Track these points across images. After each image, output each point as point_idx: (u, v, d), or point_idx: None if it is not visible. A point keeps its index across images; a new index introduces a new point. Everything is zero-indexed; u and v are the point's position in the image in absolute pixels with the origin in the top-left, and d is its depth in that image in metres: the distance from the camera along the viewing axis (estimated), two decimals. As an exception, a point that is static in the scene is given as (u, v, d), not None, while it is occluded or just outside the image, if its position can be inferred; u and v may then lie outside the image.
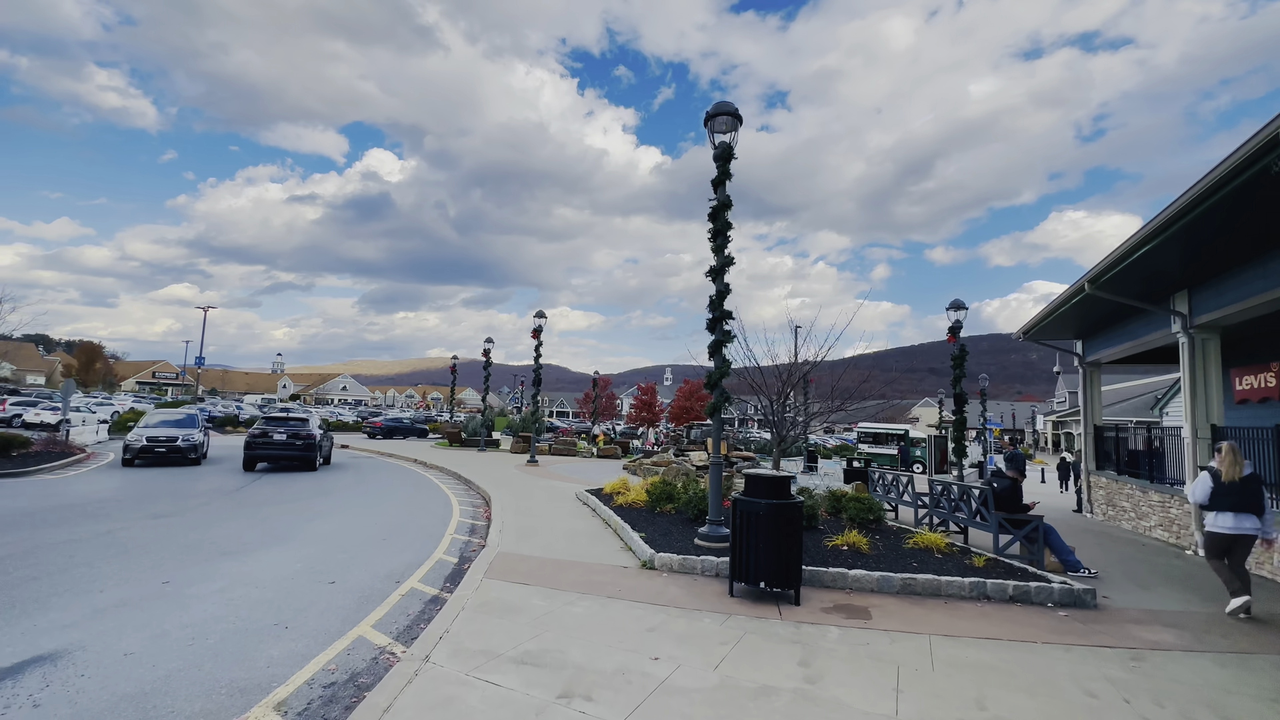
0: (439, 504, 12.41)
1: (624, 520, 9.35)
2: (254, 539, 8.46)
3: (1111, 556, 9.68)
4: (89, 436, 29.02)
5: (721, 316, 7.94)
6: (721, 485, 8.00)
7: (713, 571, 6.87)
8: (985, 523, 8.67)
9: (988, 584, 6.46)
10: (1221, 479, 6.24)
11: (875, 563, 7.22)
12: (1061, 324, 16.18)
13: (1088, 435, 17.48)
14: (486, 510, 11.67)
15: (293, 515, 10.42)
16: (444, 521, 10.48)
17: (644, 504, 10.79)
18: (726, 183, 8.12)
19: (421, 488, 14.84)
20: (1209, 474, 6.40)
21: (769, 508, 5.84)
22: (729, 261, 8.00)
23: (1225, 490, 6.20)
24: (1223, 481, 6.22)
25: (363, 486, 14.61)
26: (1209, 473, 6.41)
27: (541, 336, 21.77)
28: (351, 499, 12.61)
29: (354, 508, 11.51)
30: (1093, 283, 11.31)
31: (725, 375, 7.90)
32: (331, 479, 15.83)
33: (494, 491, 13.42)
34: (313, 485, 14.36)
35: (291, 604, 5.72)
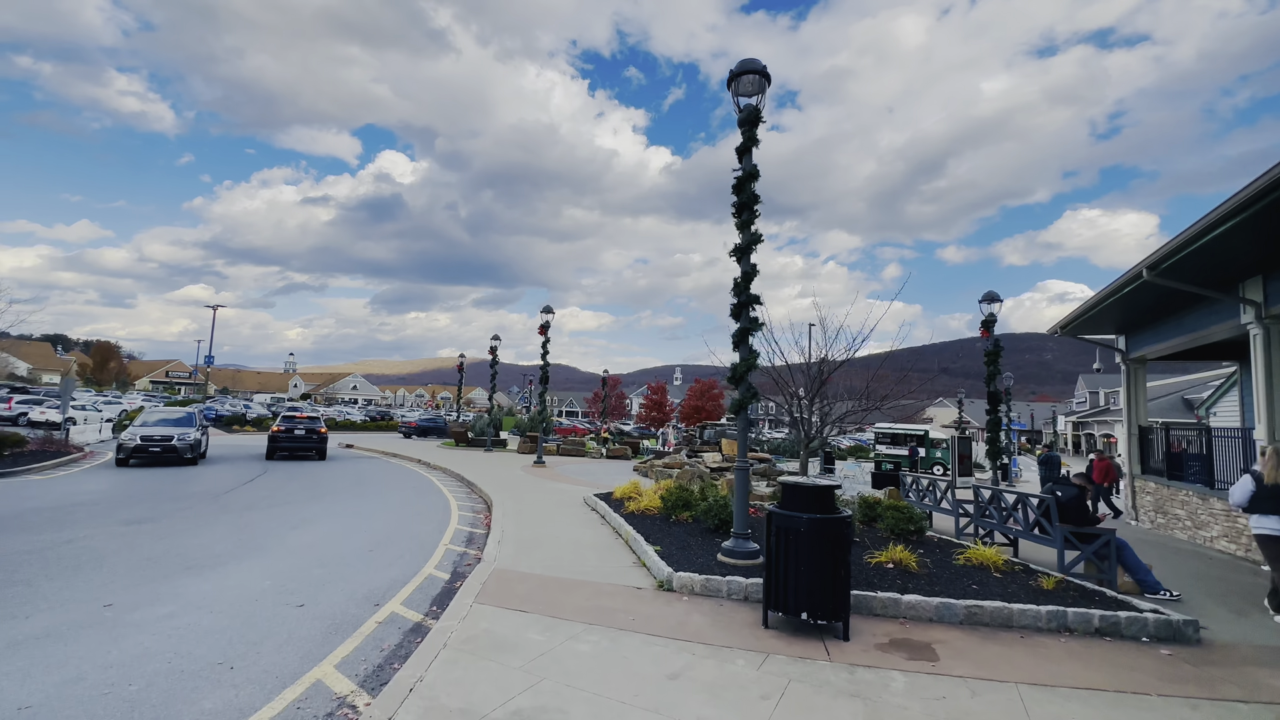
0: (437, 509, 11.56)
1: (636, 530, 8.43)
2: (227, 550, 7.62)
3: (1182, 573, 8.60)
4: (91, 435, 28.61)
5: (748, 301, 6.98)
6: (747, 492, 7.04)
7: (740, 594, 5.92)
8: (1046, 536, 7.65)
9: (1068, 613, 5.46)
10: (1264, 482, 6.24)
11: (928, 585, 6.24)
12: (1104, 317, 15.07)
13: (1132, 437, 16.29)
14: (487, 517, 10.79)
15: (277, 522, 9.60)
16: (440, 529, 9.61)
17: (658, 511, 9.86)
18: (753, 150, 7.17)
19: (421, 491, 14.01)
20: (1251, 477, 6.43)
21: (812, 524, 4.89)
22: (756, 239, 7.05)
23: (1267, 494, 6.19)
24: (1265, 485, 6.22)
25: (359, 489, 13.80)
26: (1251, 475, 6.45)
27: (549, 334, 20.92)
28: (345, 503, 11.78)
29: (345, 513, 10.68)
30: (1153, 269, 10.23)
31: (752, 367, 6.95)
32: (328, 481, 15.05)
33: (496, 495, 12.55)
34: (307, 488, 13.57)
35: (246, 635, 4.85)
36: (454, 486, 14.94)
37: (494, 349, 27.04)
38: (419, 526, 9.75)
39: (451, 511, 11.33)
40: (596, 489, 13.85)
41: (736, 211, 7.20)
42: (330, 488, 13.82)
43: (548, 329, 21.41)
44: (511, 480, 15.53)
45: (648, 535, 8.18)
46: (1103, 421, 68.67)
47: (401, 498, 12.82)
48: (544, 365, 21.20)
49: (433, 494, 13.58)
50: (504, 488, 13.89)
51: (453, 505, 12.04)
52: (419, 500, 12.56)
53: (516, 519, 10.07)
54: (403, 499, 12.64)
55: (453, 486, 14.91)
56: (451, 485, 15.13)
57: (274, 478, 15.20)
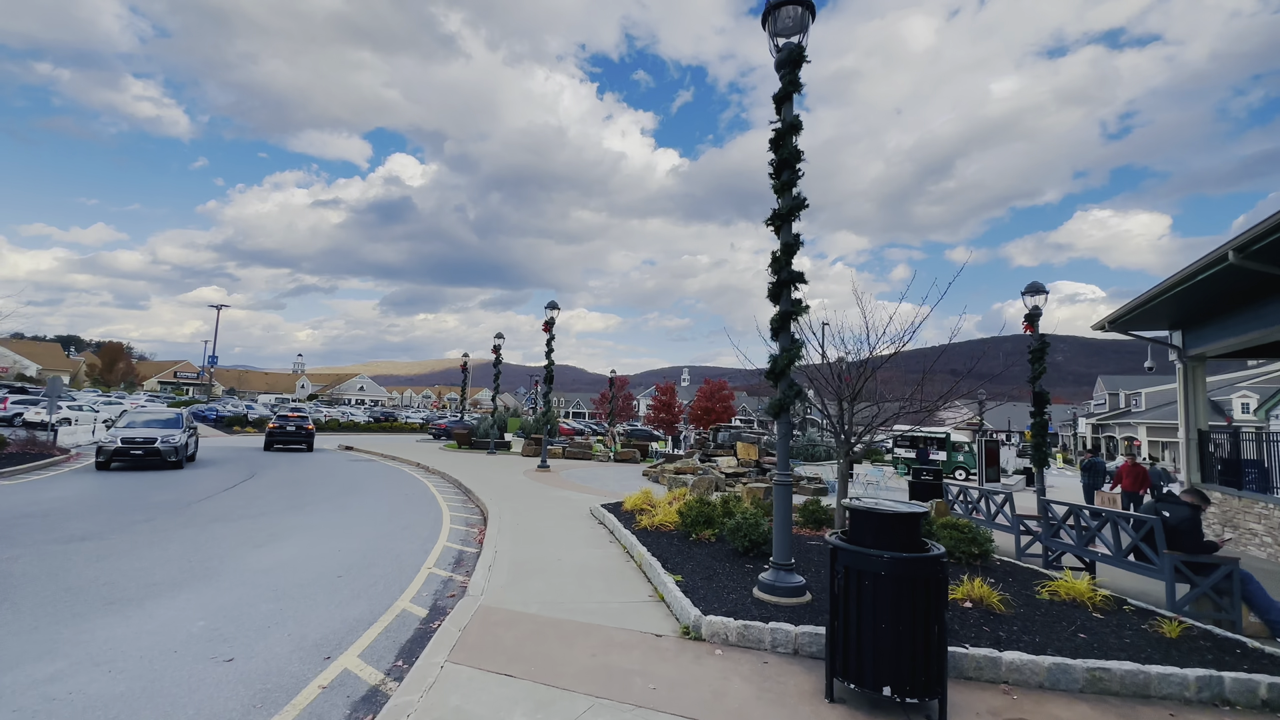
0: (427, 521, 10.36)
1: (651, 552, 7.18)
2: (168, 576, 6.44)
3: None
4: (83, 436, 27.70)
5: (789, 280, 5.72)
6: (789, 512, 5.77)
7: (788, 647, 4.67)
8: (1149, 565, 6.33)
9: (1225, 680, 4.16)
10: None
11: (1023, 632, 4.96)
12: (1160, 311, 13.72)
13: (1191, 442, 14.89)
14: (481, 531, 9.58)
15: (242, 538, 8.43)
16: (426, 547, 8.40)
17: (675, 527, 8.61)
18: (794, 97, 5.91)
19: (413, 499, 12.82)
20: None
21: (895, 566, 3.63)
22: (799, 204, 5.79)
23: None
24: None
25: (346, 498, 12.64)
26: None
27: (554, 331, 19.77)
28: (326, 515, 10.60)
29: (323, 527, 9.50)
30: (1242, 251, 8.88)
31: (795, 359, 5.69)
32: (315, 487, 13.91)
33: (494, 505, 11.34)
34: (290, 496, 12.43)
35: (141, 710, 3.66)
36: (449, 494, 13.75)
37: (497, 348, 25.89)
38: (402, 544, 8.54)
39: (442, 524, 10.13)
40: (604, 498, 12.62)
41: (775, 171, 5.94)
42: (315, 495, 12.66)
43: (553, 325, 20.23)
44: (512, 487, 14.32)
45: (665, 559, 6.93)
46: (1125, 424, 66.74)
47: (390, 508, 11.63)
48: (549, 364, 20.01)
49: (424, 503, 12.39)
50: (503, 496, 12.68)
51: (445, 517, 10.85)
52: (408, 511, 11.37)
53: (513, 535, 8.85)
54: (391, 509, 11.45)
55: (448, 494, 13.72)
56: (447, 493, 13.94)
57: (259, 484, 14.08)
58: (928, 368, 8.67)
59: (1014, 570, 7.30)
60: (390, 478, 16.54)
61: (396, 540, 8.78)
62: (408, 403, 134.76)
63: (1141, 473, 17.18)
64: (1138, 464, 17.35)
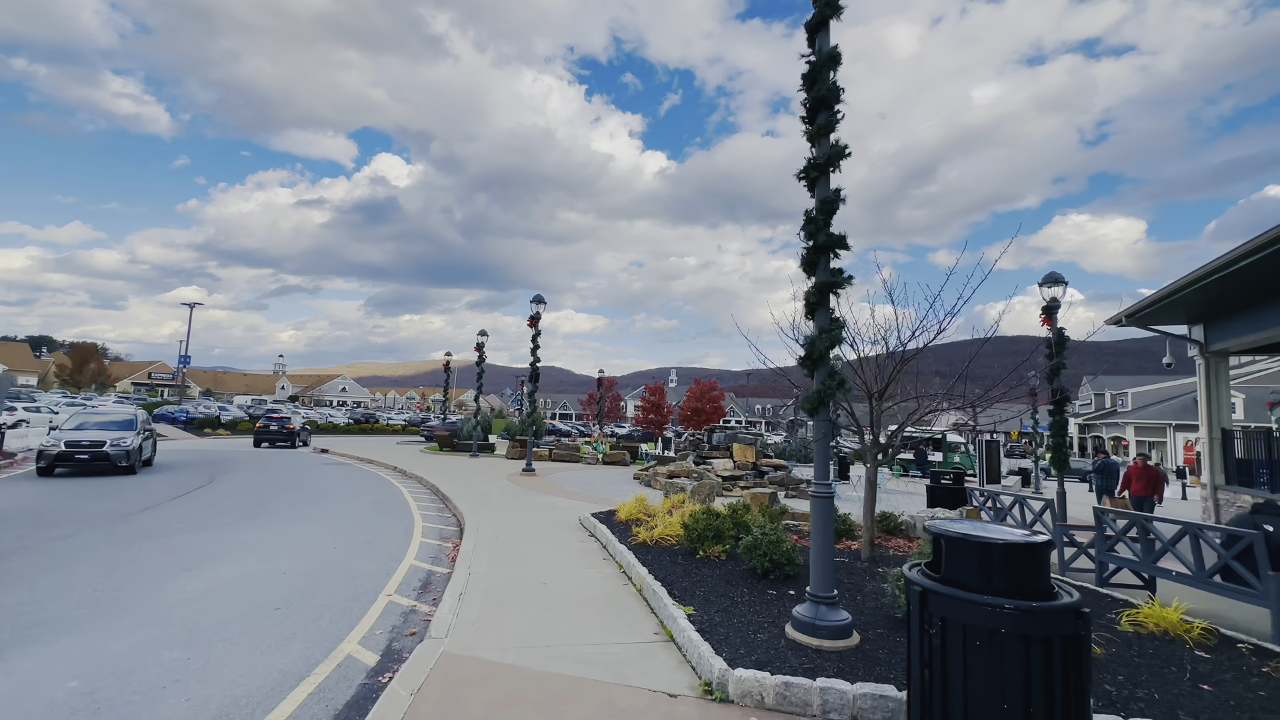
0: (395, 534, 9.16)
1: (654, 574, 6.07)
2: (60, 611, 5.22)
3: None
4: (35, 439, 26.02)
5: (829, 245, 4.65)
6: (830, 533, 4.68)
7: (845, 713, 3.57)
8: (1245, 588, 5.34)
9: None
10: None
11: (1129, 680, 3.92)
12: (1183, 304, 12.93)
13: (1214, 442, 14.10)
14: (456, 546, 8.41)
15: (173, 557, 7.18)
16: (390, 566, 7.23)
17: (678, 542, 7.52)
18: (831, 23, 4.85)
19: (384, 508, 11.59)
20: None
21: (1021, 620, 2.55)
22: (839, 153, 4.72)
23: None
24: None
25: (309, 506, 11.39)
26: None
27: (540, 327, 18.58)
28: (281, 527, 9.36)
29: (274, 543, 8.26)
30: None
31: (837, 343, 4.61)
32: (278, 494, 12.63)
33: (472, 515, 10.17)
34: (247, 504, 11.15)
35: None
36: (425, 501, 12.53)
37: (480, 345, 24.63)
38: (362, 563, 7.35)
39: (413, 537, 8.95)
40: (594, 505, 11.49)
41: (809, 114, 4.88)
42: (275, 504, 11.39)
43: (538, 321, 19.12)
44: (494, 493, 13.13)
45: (670, 583, 5.83)
46: (1111, 424, 66.87)
47: (356, 517, 10.41)
48: (534, 361, 18.82)
49: (396, 512, 11.18)
50: (484, 503, 11.50)
51: (416, 529, 9.65)
52: (376, 521, 10.15)
53: (492, 551, 7.69)
54: (357, 519, 10.23)
55: (424, 501, 12.50)
56: (423, 500, 12.72)
57: (215, 491, 12.78)
58: (970, 356, 7.69)
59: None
60: (362, 483, 15.27)
61: (356, 558, 7.58)
62: (391, 404, 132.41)
63: (1154, 475, 16.32)
64: (1149, 466, 16.50)
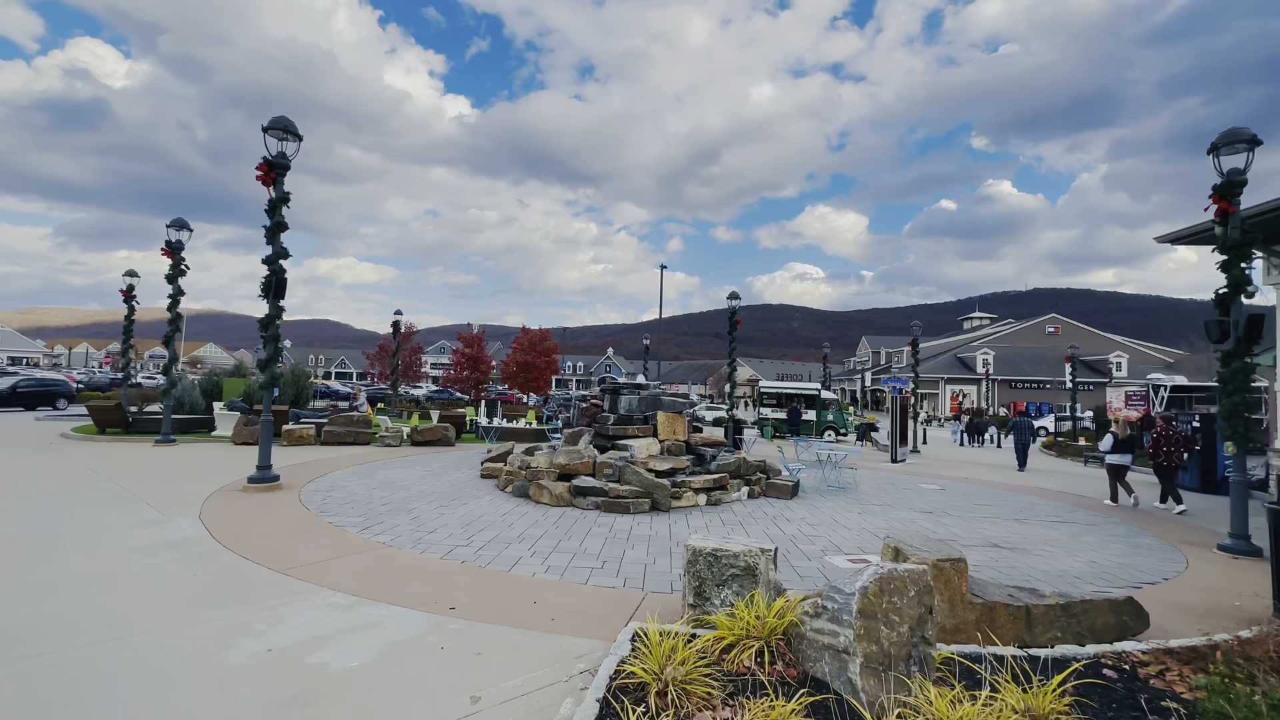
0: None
1: None
2: None
3: None
4: None
5: None
6: None
7: None
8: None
9: None
10: None
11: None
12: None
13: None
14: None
15: None
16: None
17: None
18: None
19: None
20: None
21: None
22: None
23: None
24: None
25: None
26: None
27: (182, 257, 9.43)
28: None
29: None
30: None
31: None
32: None
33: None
34: None
35: None
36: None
37: (172, 251, 13.60)
38: None
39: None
40: (447, 616, 3.60)
41: None
42: None
43: (179, 251, 13.36)
44: (118, 593, 4.38)
45: None
46: (892, 379, 74.10)
47: None
48: (173, 304, 9.88)
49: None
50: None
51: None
52: None
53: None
54: None
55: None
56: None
57: None
58: None
59: None
60: None
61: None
62: (81, 361, 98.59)
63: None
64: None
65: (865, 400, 68.51)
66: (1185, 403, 24.65)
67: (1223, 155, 7.93)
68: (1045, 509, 10.40)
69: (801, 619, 3.17)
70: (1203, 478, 14.18)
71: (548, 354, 35.78)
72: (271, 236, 8.79)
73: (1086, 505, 11.08)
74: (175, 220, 13.66)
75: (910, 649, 2.85)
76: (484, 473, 11.00)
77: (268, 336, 8.91)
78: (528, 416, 23.08)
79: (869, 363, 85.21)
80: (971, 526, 8.53)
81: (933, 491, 11.83)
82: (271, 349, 8.91)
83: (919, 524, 8.52)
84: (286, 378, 21.77)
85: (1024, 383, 57.31)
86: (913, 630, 2.88)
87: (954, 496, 11.30)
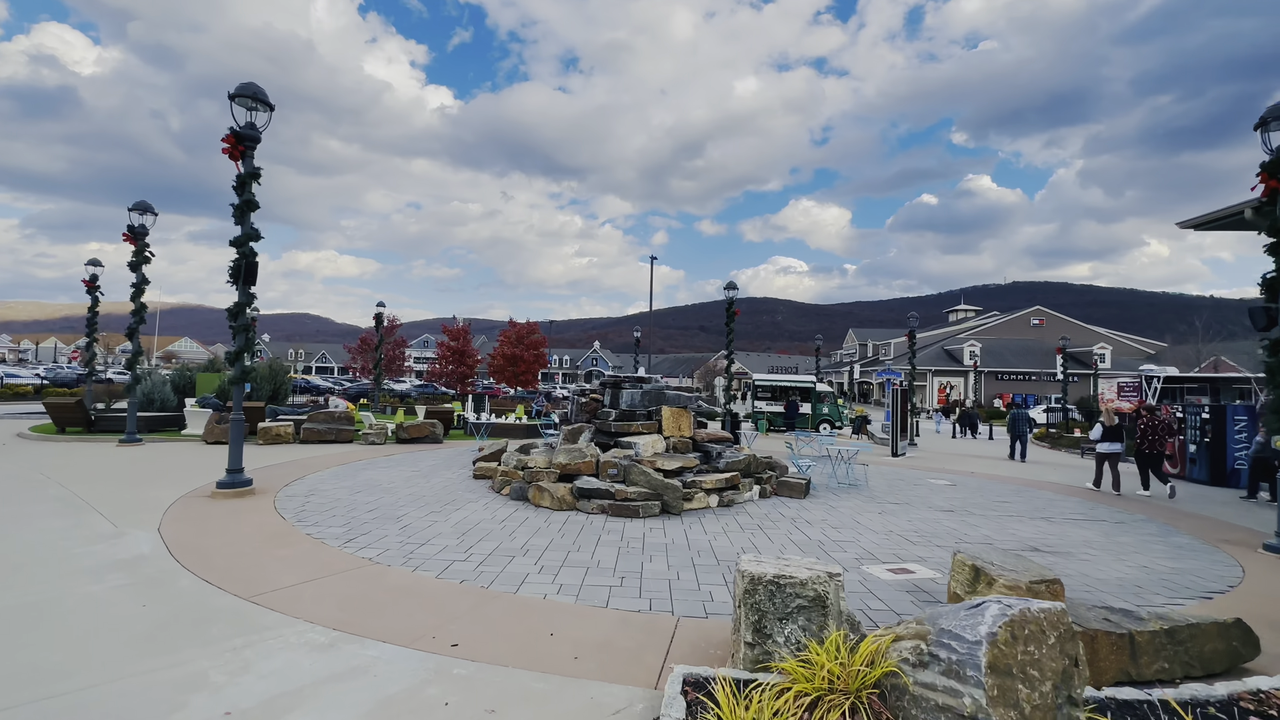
0: None
1: None
2: None
3: None
4: None
5: None
6: None
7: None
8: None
9: None
10: None
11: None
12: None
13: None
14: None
15: None
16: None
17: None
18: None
19: None
20: None
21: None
22: None
23: None
24: None
25: None
26: None
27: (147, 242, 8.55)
28: None
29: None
30: None
31: None
32: None
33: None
34: None
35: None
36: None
37: (135, 236, 12.63)
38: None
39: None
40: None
41: None
42: None
43: (142, 238, 12.46)
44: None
45: None
46: (878, 371, 74.51)
47: None
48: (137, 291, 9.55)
49: None
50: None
51: None
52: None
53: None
54: None
55: None
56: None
57: None
58: None
59: None
60: None
61: None
62: (50, 356, 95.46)
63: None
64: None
65: (854, 393, 68.53)
66: (1178, 394, 24.63)
67: (1271, 131, 7.43)
68: (1066, 505, 9.95)
69: (901, 668, 2.53)
70: (1211, 469, 13.90)
71: (535, 347, 34.91)
72: (240, 216, 7.95)
73: (1101, 500, 10.68)
74: (138, 203, 12.69)
75: (1055, 713, 2.23)
76: (477, 473, 10.28)
77: (237, 326, 8.08)
78: (516, 411, 22.30)
79: (857, 355, 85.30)
80: (1001, 527, 8.02)
81: (944, 487, 11.35)
82: (242, 340, 8.09)
83: (945, 525, 7.98)
84: (263, 372, 20.77)
85: (1010, 374, 57.63)
86: (1056, 689, 2.27)
87: (968, 493, 10.82)
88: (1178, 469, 14.70)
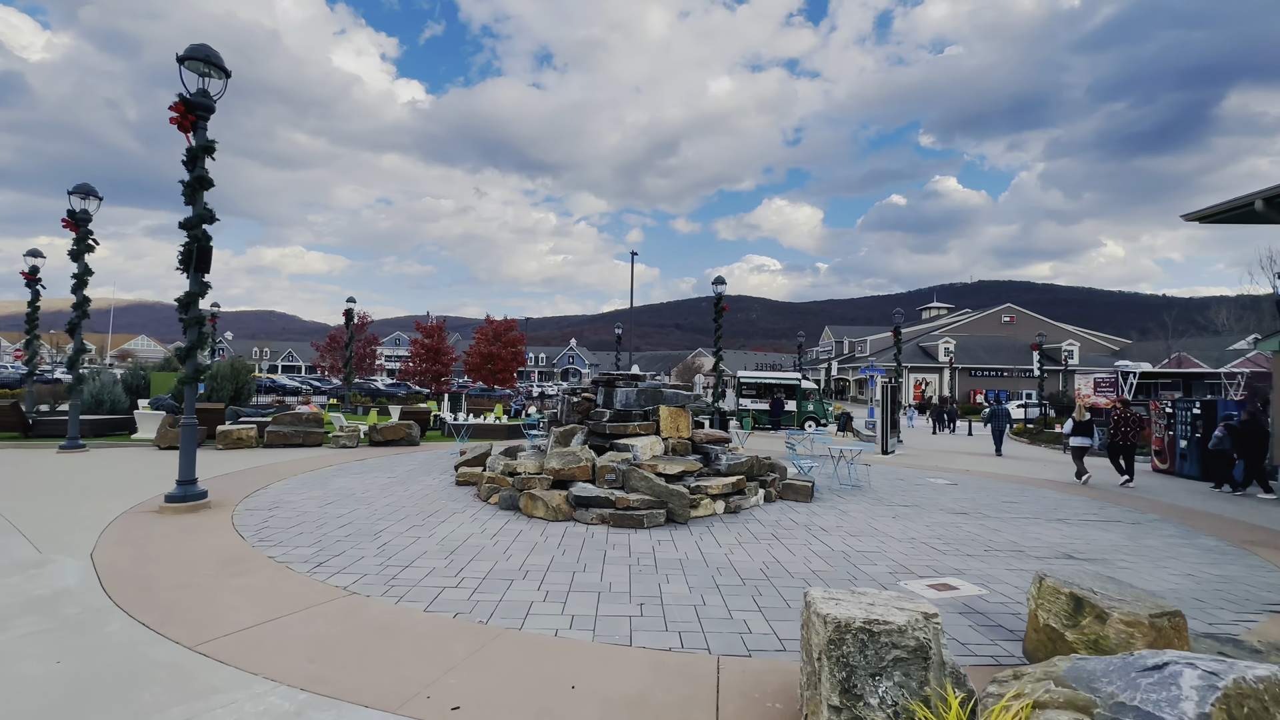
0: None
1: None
2: None
3: None
4: None
5: None
6: None
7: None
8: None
9: None
10: None
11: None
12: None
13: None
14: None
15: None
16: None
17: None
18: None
19: None
20: None
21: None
22: None
23: None
24: None
25: None
26: None
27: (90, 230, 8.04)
28: None
29: None
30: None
31: None
32: None
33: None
34: None
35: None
36: None
37: (76, 223, 11.49)
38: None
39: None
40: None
41: None
42: None
43: (84, 224, 11.42)
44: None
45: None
46: (854, 368, 75.05)
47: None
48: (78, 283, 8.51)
49: None
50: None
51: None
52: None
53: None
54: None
55: None
56: None
57: None
58: None
59: None
60: None
61: None
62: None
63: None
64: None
65: (830, 389, 68.86)
66: (1151, 389, 24.96)
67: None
68: (1074, 505, 9.63)
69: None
70: (1202, 464, 13.84)
71: (513, 345, 33.94)
72: (192, 194, 7.04)
73: (1102, 497, 10.45)
74: (79, 186, 11.55)
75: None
76: (460, 479, 9.50)
77: (189, 319, 7.16)
78: (495, 411, 21.42)
79: (833, 352, 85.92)
80: (1022, 531, 7.59)
81: (947, 487, 10.97)
82: (194, 334, 7.18)
83: (965, 529, 7.52)
84: (224, 371, 19.51)
85: (983, 370, 58.50)
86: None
87: (971, 493, 10.44)
88: (1167, 464, 14.66)
